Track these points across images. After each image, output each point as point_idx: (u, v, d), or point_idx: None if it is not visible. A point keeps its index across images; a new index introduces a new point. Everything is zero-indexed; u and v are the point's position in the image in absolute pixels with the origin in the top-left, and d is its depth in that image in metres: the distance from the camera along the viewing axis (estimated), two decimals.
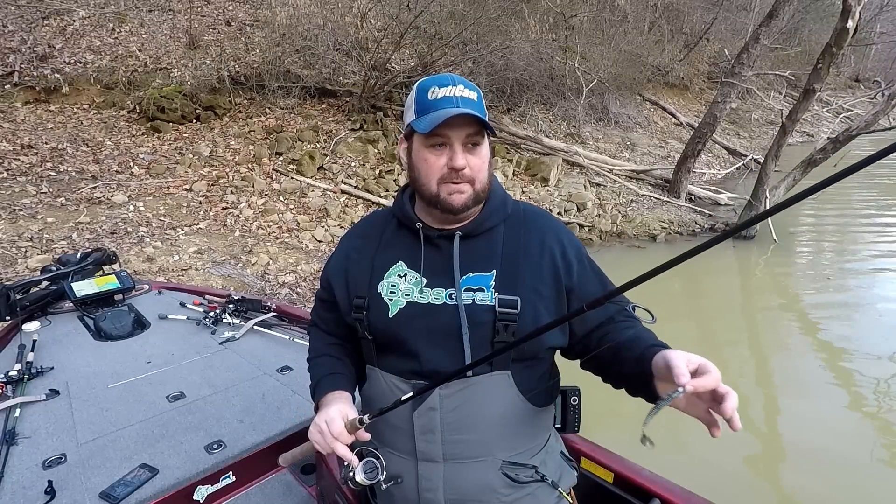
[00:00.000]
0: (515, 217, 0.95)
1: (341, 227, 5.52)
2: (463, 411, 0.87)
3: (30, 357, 1.75)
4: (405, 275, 0.92)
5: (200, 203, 5.46)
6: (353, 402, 0.95)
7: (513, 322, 0.85)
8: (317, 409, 0.95)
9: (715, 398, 0.69)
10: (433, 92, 0.85)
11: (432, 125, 0.82)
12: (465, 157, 0.85)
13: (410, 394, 0.81)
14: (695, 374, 0.68)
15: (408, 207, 0.95)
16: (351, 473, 0.87)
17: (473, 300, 0.87)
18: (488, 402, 0.88)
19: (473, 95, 0.86)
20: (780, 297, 5.39)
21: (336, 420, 0.85)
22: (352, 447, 0.86)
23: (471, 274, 0.89)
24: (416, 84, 0.89)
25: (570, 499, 0.93)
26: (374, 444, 0.93)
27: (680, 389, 0.65)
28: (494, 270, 0.89)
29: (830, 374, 3.80)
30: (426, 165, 0.87)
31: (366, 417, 0.84)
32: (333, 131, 7.00)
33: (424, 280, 0.90)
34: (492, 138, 0.93)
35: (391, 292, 0.91)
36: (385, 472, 0.88)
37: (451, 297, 0.88)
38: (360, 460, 0.88)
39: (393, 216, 0.99)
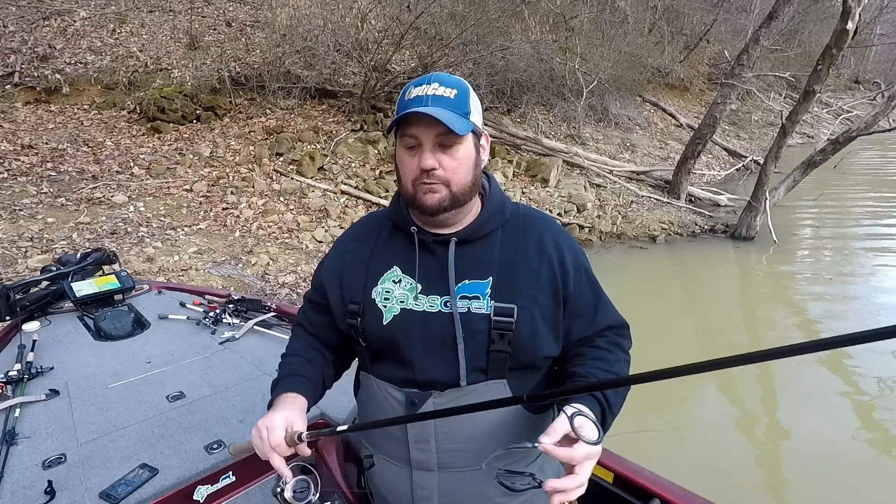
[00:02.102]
0: (514, 221, 0.93)
1: (341, 228, 5.52)
2: (458, 421, 0.85)
3: (30, 357, 1.75)
4: (400, 281, 0.90)
5: (200, 203, 5.46)
6: (308, 410, 0.91)
7: (509, 331, 0.83)
8: (269, 407, 0.92)
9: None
10: (409, 93, 0.84)
11: (393, 125, 0.82)
12: (438, 157, 0.82)
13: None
14: (570, 439, 0.71)
15: (403, 211, 0.93)
16: (279, 489, 0.82)
17: (469, 308, 0.85)
18: (484, 412, 0.86)
19: (450, 93, 0.82)
20: (780, 298, 5.39)
21: (277, 430, 0.81)
22: (290, 459, 0.83)
23: (466, 281, 0.87)
24: (405, 86, 0.88)
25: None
26: (313, 461, 0.90)
27: (533, 444, 0.71)
28: (491, 278, 0.87)
29: (830, 375, 3.80)
30: (403, 166, 0.86)
31: (304, 434, 0.80)
32: (334, 132, 7.00)
33: (419, 287, 0.88)
34: (491, 139, 0.92)
35: (385, 299, 0.89)
36: (318, 494, 0.83)
37: (446, 305, 0.86)
38: (294, 476, 0.83)
39: (388, 219, 0.97)
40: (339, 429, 0.79)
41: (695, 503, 1.10)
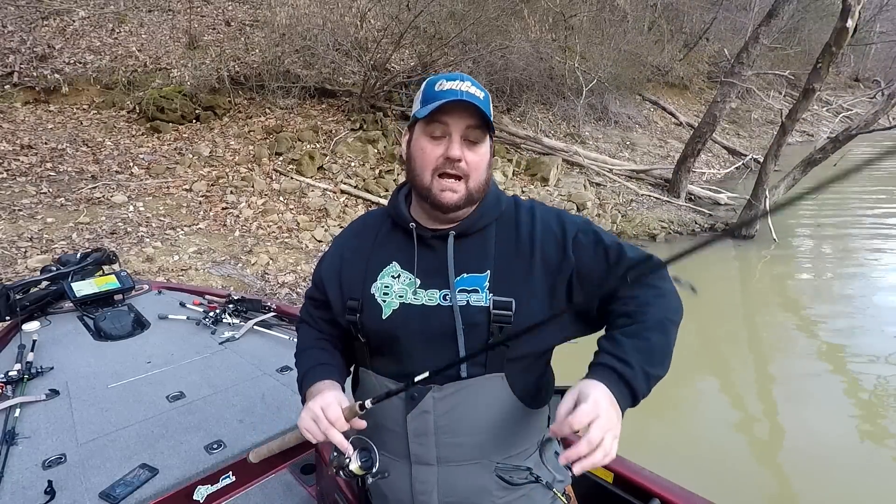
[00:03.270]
0: (508, 214, 0.94)
1: (341, 227, 5.49)
2: (456, 414, 0.86)
3: (30, 357, 1.75)
4: (399, 276, 0.91)
5: (200, 203, 5.46)
6: (343, 386, 0.94)
7: (507, 323, 0.84)
8: (304, 401, 0.93)
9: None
10: (440, 84, 0.85)
11: (431, 108, 0.82)
12: (464, 151, 0.85)
13: (425, 374, 0.77)
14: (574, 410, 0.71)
15: (402, 207, 0.94)
16: (347, 461, 0.84)
17: (468, 301, 0.86)
18: (482, 405, 0.87)
19: (480, 94, 0.86)
20: (780, 297, 5.39)
21: (333, 405, 0.83)
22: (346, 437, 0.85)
23: (465, 275, 0.87)
24: (427, 80, 0.89)
25: (564, 500, 0.93)
26: (367, 434, 0.92)
27: (545, 437, 0.80)
28: (489, 271, 0.87)
29: (830, 374, 3.80)
30: (423, 154, 0.86)
31: (368, 402, 0.81)
32: (333, 131, 7.00)
33: (418, 281, 0.89)
34: (493, 139, 0.93)
35: (384, 293, 0.90)
36: (378, 464, 0.86)
37: (445, 299, 0.87)
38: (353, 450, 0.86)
39: (387, 216, 0.97)
40: (391, 391, 0.81)
41: (695, 503, 1.10)
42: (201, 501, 1.29)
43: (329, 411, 0.82)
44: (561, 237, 0.89)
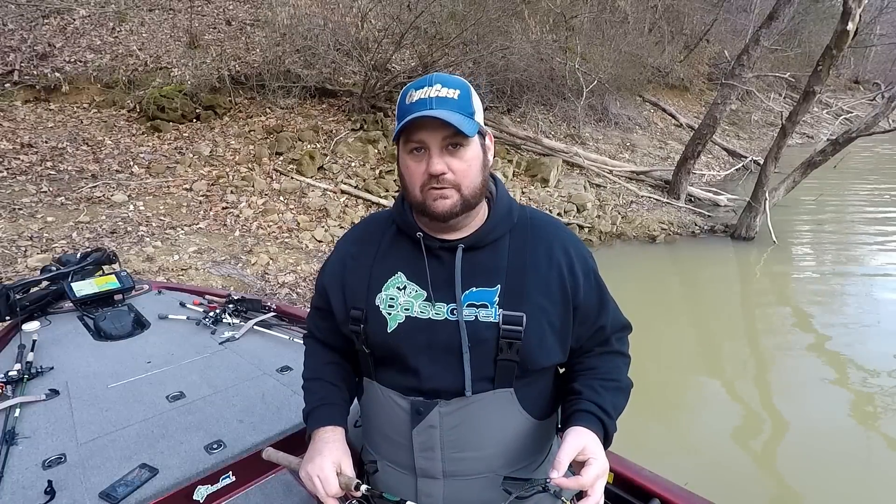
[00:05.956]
0: (522, 226, 0.90)
1: (341, 228, 5.52)
2: (464, 430, 0.85)
3: (29, 357, 1.75)
4: (404, 287, 0.88)
5: (200, 203, 5.46)
6: (346, 427, 0.94)
7: (517, 340, 0.82)
8: (308, 438, 0.93)
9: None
10: (410, 96, 0.81)
11: (400, 128, 0.80)
12: (446, 160, 0.80)
13: None
14: (581, 465, 0.76)
15: (408, 215, 0.90)
16: None
17: (476, 316, 0.83)
18: (490, 421, 0.86)
19: (453, 93, 0.80)
20: (779, 298, 5.40)
21: (331, 481, 0.84)
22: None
23: (474, 289, 0.85)
24: (403, 90, 0.86)
25: None
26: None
27: (546, 479, 0.76)
28: (499, 285, 0.85)
29: (829, 374, 3.80)
30: (409, 173, 0.84)
31: (363, 487, 0.84)
32: (333, 131, 7.00)
33: (425, 294, 0.86)
34: (494, 138, 0.91)
35: (390, 305, 0.87)
36: None
37: (452, 313, 0.84)
38: None
39: (392, 222, 0.94)
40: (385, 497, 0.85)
41: (695, 503, 1.10)
42: (201, 501, 1.29)
43: (328, 486, 0.84)
44: (582, 268, 0.89)
